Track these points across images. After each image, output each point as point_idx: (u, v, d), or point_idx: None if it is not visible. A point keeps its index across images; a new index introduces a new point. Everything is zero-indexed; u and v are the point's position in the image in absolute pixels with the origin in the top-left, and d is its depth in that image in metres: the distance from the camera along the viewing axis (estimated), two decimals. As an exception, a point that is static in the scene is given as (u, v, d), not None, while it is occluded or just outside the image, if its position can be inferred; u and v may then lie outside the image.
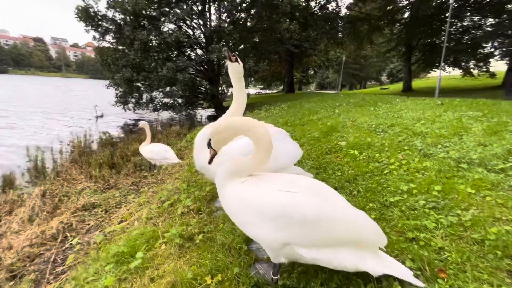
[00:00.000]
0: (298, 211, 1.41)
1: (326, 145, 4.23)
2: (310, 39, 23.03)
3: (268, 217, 1.46)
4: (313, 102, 11.32)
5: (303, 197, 1.47)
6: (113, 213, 4.10)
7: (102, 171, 5.92)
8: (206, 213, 2.75)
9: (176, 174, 4.93)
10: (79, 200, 4.42)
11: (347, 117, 6.04)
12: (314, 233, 1.40)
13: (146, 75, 14.02)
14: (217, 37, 14.22)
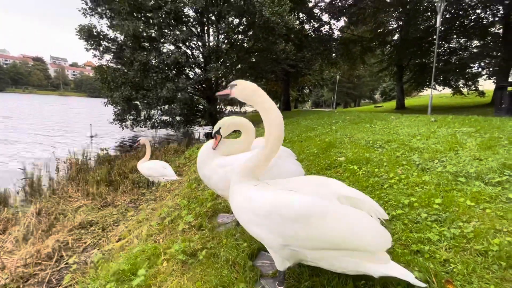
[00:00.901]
0: (286, 206, 1.44)
1: (325, 160, 4.27)
2: (305, 60, 23.85)
3: (262, 215, 1.50)
4: (310, 119, 11.49)
5: (295, 194, 1.51)
6: (110, 231, 4.03)
7: (100, 188, 5.86)
8: (208, 229, 2.72)
9: (175, 190, 4.89)
10: (76, 218, 4.35)
11: (344, 133, 6.15)
12: (307, 231, 1.40)
13: (145, 93, 14.23)
14: (215, 57, 14.66)
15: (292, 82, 31.70)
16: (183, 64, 13.80)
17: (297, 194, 1.52)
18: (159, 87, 12.76)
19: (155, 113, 16.72)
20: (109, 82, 14.87)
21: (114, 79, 14.60)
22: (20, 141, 13.22)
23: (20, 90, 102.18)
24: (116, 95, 14.00)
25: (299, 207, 1.44)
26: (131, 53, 12.92)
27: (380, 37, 24.69)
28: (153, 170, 6.04)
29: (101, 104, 16.31)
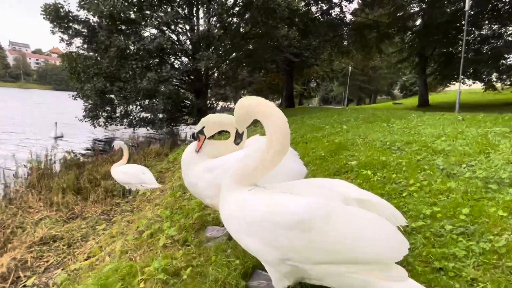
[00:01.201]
0: (281, 210, 1.46)
1: (334, 165, 4.32)
2: (311, 48, 24.02)
3: (255, 223, 1.52)
4: (317, 117, 11.60)
5: (291, 196, 1.52)
6: (78, 248, 4.01)
7: (66, 197, 5.82)
8: (194, 244, 2.71)
9: (156, 200, 4.89)
10: (37, 232, 4.32)
11: (357, 133, 6.22)
12: (307, 239, 1.41)
13: (121, 85, 14.24)
14: (206, 43, 14.73)
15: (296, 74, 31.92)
16: (167, 51, 13.84)
17: (293, 196, 1.53)
18: (138, 78, 12.78)
19: (134, 109, 16.72)
20: (79, 72, 14.85)
21: (85, 69, 14.59)
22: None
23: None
24: (88, 87, 13.99)
25: (295, 211, 1.45)
26: (106, 37, 12.95)
27: (400, 22, 24.93)
28: (130, 175, 6.03)
29: (70, 98, 16.27)
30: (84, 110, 15.79)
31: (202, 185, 2.49)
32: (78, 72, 14.88)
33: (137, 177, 6.01)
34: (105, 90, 14.24)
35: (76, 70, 14.92)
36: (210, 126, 2.59)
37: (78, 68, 14.80)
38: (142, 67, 13.02)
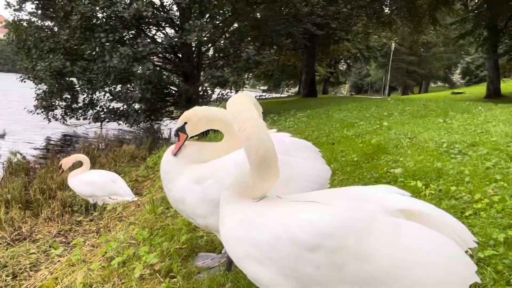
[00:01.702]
0: (303, 225, 1.47)
1: (371, 173, 4.35)
2: (340, 17, 24.00)
3: (267, 244, 1.53)
4: (347, 110, 11.66)
5: (316, 206, 1.55)
6: (26, 279, 4.06)
7: (10, 212, 5.93)
8: (182, 275, 2.75)
9: (130, 217, 4.95)
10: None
11: (402, 132, 6.24)
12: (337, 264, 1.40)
13: (85, 65, 14.40)
14: (199, 9, 14.82)
15: (319, 52, 31.94)
16: (148, 19, 13.93)
17: (316, 205, 1.55)
18: (107, 54, 12.88)
19: (101, 98, 16.88)
20: (29, 47, 15.05)
21: (38, 43, 14.79)
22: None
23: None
24: (41, 66, 14.16)
25: (319, 223, 1.45)
26: (67, 0, 13.10)
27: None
28: (97, 186, 6.05)
29: (17, 81, 16.52)
30: (36, 98, 15.97)
31: (191, 201, 2.50)
32: (28, 47, 15.06)
33: (106, 188, 6.05)
34: (64, 71, 14.38)
35: (25, 45, 15.12)
36: (194, 122, 2.58)
37: (28, 42, 14.99)
38: (113, 41, 13.14)
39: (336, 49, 34.55)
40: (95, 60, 14.32)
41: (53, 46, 14.35)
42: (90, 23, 13.31)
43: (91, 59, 14.70)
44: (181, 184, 2.55)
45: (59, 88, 15.17)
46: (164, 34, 16.63)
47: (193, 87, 15.41)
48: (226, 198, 1.85)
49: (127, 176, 8.12)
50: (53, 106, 16.04)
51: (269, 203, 1.74)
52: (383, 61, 52.76)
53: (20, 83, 16.74)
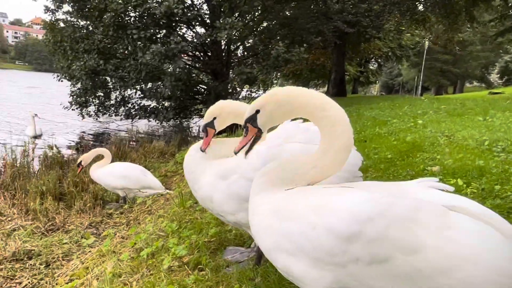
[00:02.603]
0: (339, 211, 1.40)
1: (406, 170, 4.24)
2: (372, 14, 23.51)
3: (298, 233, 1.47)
4: (379, 108, 11.50)
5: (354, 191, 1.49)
6: (58, 268, 4.17)
7: (45, 203, 6.08)
8: (211, 268, 2.73)
9: (159, 210, 5.02)
10: (8, 246, 4.54)
11: (439, 129, 6.11)
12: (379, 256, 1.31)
13: (118, 63, 14.75)
14: (229, 7, 14.87)
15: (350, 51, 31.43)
16: (178, 17, 14.11)
17: (354, 191, 1.49)
18: (139, 51, 13.15)
19: (133, 95, 17.28)
20: (65, 48, 15.59)
21: (73, 44, 15.28)
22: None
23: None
24: (77, 66, 14.64)
25: (358, 209, 1.36)
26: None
27: (503, -25, 23.71)
28: (130, 179, 6.09)
29: (54, 79, 17.14)
30: (71, 95, 16.54)
31: (218, 197, 2.49)
32: (64, 48, 15.61)
33: (139, 181, 6.11)
34: (98, 69, 14.81)
35: (62, 45, 15.68)
36: (223, 117, 2.59)
37: (65, 41, 15.53)
38: (145, 38, 13.40)
39: (366, 47, 33.93)
40: (127, 58, 14.67)
41: (87, 46, 14.81)
42: (123, 22, 13.63)
43: (123, 58, 15.06)
44: (206, 181, 2.55)
45: (93, 85, 15.64)
46: (195, 32, 16.81)
47: (222, 85, 15.49)
48: (258, 187, 1.81)
49: (157, 171, 8.24)
50: (87, 103, 16.53)
51: (302, 191, 1.69)
52: (416, 60, 51.33)
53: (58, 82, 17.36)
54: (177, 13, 13.15)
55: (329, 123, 1.71)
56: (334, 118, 1.70)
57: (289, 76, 40.60)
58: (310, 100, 1.76)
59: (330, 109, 1.71)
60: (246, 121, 1.86)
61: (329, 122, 1.71)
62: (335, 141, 1.69)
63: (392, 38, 33.71)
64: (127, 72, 14.54)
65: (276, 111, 1.83)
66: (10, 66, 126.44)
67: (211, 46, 16.34)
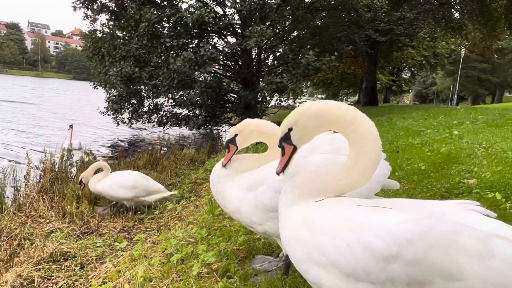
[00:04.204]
0: (376, 228, 1.39)
1: (441, 183, 4.17)
2: (405, 22, 23.08)
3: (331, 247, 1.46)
4: (412, 118, 11.28)
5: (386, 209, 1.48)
6: (92, 270, 4.27)
7: (81, 207, 6.30)
8: (239, 276, 2.72)
9: (189, 217, 5.06)
10: (46, 247, 4.71)
11: (476, 141, 6.00)
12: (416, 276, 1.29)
13: (152, 71, 15.21)
14: (259, 16, 15.04)
15: (382, 59, 30.92)
16: (210, 26, 14.42)
17: (395, 212, 1.46)
18: (171, 59, 13.52)
19: (165, 103, 17.74)
20: (103, 54, 16.26)
21: (111, 50, 15.92)
22: None
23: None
24: (113, 72, 15.21)
25: (402, 231, 1.34)
26: (136, 9, 13.99)
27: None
28: (138, 189, 6.10)
29: (90, 88, 17.88)
30: (107, 100, 17.18)
31: (246, 209, 2.53)
32: (102, 55, 16.31)
33: (147, 188, 6.21)
34: (133, 77, 15.35)
35: (100, 52, 16.37)
36: (245, 134, 2.65)
37: (102, 49, 16.22)
38: (177, 47, 13.78)
39: (399, 56, 33.29)
40: (160, 66, 15.10)
41: (124, 54, 15.38)
42: (157, 31, 14.07)
43: (157, 66, 15.51)
44: (233, 194, 2.60)
45: (128, 94, 16.19)
46: (226, 41, 17.11)
47: (252, 94, 15.63)
48: (288, 198, 1.82)
49: (187, 178, 8.38)
50: (122, 109, 17.09)
51: (334, 205, 1.67)
52: (452, 68, 49.87)
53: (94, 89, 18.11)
54: (208, 21, 13.46)
55: (358, 137, 1.72)
56: (363, 132, 1.71)
57: (319, 85, 40.41)
58: (340, 114, 1.78)
59: (360, 123, 1.72)
60: (280, 140, 1.90)
61: (358, 136, 1.72)
62: (363, 155, 1.70)
63: (426, 46, 32.93)
64: (159, 80, 14.96)
65: (308, 127, 1.86)
66: (51, 75, 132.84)
67: (242, 55, 16.58)
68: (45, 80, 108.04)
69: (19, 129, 17.72)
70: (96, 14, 16.79)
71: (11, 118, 21.48)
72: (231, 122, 18.70)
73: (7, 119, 20.34)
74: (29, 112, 25.84)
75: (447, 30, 26.81)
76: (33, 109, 27.72)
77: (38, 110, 27.22)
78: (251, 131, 2.66)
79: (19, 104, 30.47)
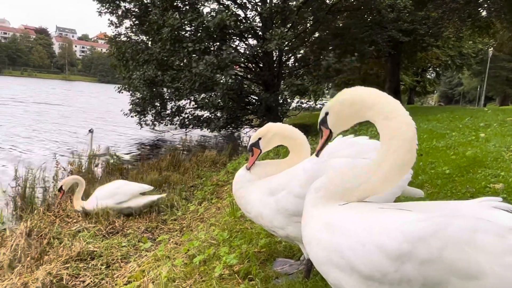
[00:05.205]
0: (391, 230, 1.37)
1: (466, 187, 4.09)
2: (430, 21, 22.59)
3: (350, 249, 1.47)
4: (436, 120, 11.04)
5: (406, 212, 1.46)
6: (117, 270, 4.41)
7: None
8: (260, 278, 2.76)
9: (211, 219, 5.14)
10: (74, 246, 4.88)
11: (503, 144, 5.82)
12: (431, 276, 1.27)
13: (174, 74, 15.47)
14: (281, 18, 15.05)
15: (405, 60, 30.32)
16: (231, 29, 14.54)
17: (411, 213, 1.46)
18: (194, 63, 13.71)
19: (187, 105, 17.99)
20: (127, 58, 16.66)
21: (135, 55, 16.29)
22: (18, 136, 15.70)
23: (18, 73, 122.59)
24: (136, 75, 15.55)
25: (413, 229, 1.34)
26: (159, 14, 14.26)
27: None
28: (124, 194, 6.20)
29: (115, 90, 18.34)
30: (131, 103, 17.58)
31: (268, 213, 2.59)
32: (126, 59, 16.70)
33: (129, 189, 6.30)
34: (156, 80, 15.64)
35: (124, 57, 16.78)
36: (268, 138, 2.73)
37: (126, 53, 16.61)
38: (199, 51, 13.97)
39: (424, 56, 32.54)
40: (182, 70, 15.33)
41: (147, 57, 15.69)
42: (179, 36, 14.30)
43: (179, 69, 15.75)
44: (255, 199, 2.67)
45: (151, 95, 16.51)
46: (247, 44, 17.20)
47: (273, 96, 15.65)
48: (311, 202, 1.85)
49: (209, 180, 8.48)
50: (145, 112, 17.43)
51: (355, 208, 1.69)
52: (479, 68, 48.37)
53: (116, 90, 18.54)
54: (229, 25, 13.58)
55: (388, 134, 1.64)
56: (395, 130, 1.62)
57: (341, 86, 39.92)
58: (376, 103, 1.71)
59: (394, 119, 1.63)
60: (319, 123, 1.92)
61: (388, 133, 1.64)
62: (390, 155, 1.63)
63: (451, 46, 32.11)
64: (182, 83, 15.19)
65: (342, 112, 1.84)
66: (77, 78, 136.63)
67: (263, 57, 16.62)
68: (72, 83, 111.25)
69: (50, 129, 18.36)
70: (120, 20, 17.20)
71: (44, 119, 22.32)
72: (252, 124, 18.77)
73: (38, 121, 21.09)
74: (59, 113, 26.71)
75: (473, 29, 26.06)
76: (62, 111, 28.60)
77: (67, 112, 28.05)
78: (274, 134, 2.73)
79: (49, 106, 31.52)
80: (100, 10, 17.24)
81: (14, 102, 32.36)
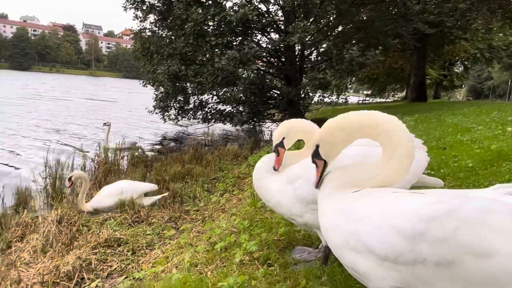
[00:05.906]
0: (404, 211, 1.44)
1: (489, 180, 4.02)
2: (457, 13, 21.94)
3: (365, 232, 1.53)
4: (462, 115, 10.82)
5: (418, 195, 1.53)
6: (142, 256, 4.60)
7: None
8: (279, 264, 2.84)
9: (232, 209, 5.25)
10: (101, 233, 5.11)
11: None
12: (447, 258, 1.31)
13: (197, 69, 15.67)
14: (303, 12, 14.97)
15: (431, 53, 29.59)
16: (253, 24, 14.58)
17: (425, 196, 1.51)
18: (216, 57, 13.84)
19: (209, 100, 18.21)
20: (152, 52, 16.97)
21: (159, 49, 16.58)
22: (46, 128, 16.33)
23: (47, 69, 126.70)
24: (161, 70, 15.84)
25: (427, 209, 1.39)
26: (183, 9, 14.46)
27: None
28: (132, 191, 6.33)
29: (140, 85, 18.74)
30: (155, 99, 17.94)
31: (286, 202, 2.69)
32: (151, 53, 17.03)
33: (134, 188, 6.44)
34: (179, 75, 15.89)
35: (149, 51, 17.11)
36: (291, 136, 2.81)
37: (151, 48, 16.94)
38: (222, 45, 14.09)
39: (451, 49, 31.68)
40: (205, 64, 15.51)
41: (171, 51, 15.95)
42: (202, 30, 14.47)
43: (202, 64, 15.95)
44: (274, 188, 2.77)
45: (174, 91, 16.78)
46: (269, 38, 17.21)
47: (295, 90, 15.61)
48: (327, 189, 1.93)
49: (230, 173, 8.61)
50: (169, 107, 17.74)
51: (369, 193, 1.75)
52: (510, 61, 46.61)
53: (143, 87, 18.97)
54: (252, 19, 13.63)
55: (386, 136, 1.81)
56: (389, 130, 1.80)
57: (365, 81, 39.39)
58: (360, 122, 1.91)
59: (383, 123, 1.82)
60: (312, 156, 2.05)
61: (386, 135, 1.81)
62: (395, 150, 1.78)
63: (480, 39, 31.08)
64: (204, 78, 15.37)
65: (332, 141, 1.98)
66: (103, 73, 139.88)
67: (285, 51, 16.61)
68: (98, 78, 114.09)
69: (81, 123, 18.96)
70: (145, 14, 17.54)
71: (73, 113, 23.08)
72: (274, 118, 18.81)
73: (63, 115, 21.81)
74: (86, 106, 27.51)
75: (504, 21, 25.13)
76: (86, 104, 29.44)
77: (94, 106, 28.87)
78: (296, 132, 2.82)
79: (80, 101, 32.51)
80: (125, 6, 17.63)
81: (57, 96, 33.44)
